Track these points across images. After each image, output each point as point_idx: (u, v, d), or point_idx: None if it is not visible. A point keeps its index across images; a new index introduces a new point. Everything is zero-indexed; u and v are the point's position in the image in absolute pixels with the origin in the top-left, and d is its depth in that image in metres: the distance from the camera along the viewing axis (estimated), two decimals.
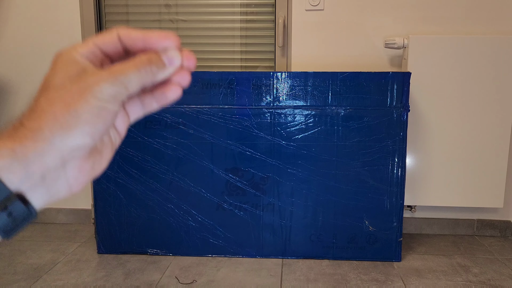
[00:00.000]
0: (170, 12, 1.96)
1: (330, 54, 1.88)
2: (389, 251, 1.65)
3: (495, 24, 1.80)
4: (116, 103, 0.28)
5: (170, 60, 0.30)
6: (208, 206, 1.66)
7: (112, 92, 0.27)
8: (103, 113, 0.27)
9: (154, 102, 0.32)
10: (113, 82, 0.27)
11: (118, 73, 0.28)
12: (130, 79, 0.28)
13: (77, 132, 0.27)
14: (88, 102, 0.27)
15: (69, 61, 0.28)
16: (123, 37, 0.30)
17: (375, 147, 1.60)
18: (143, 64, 0.29)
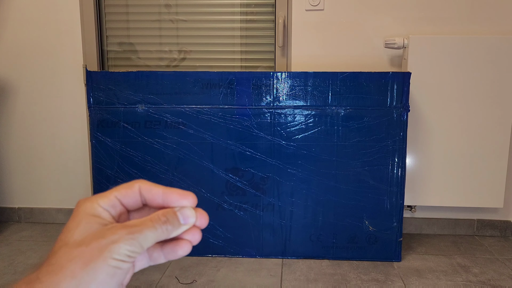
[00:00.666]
0: (170, 12, 1.96)
1: (330, 54, 1.88)
2: (389, 251, 1.65)
3: (495, 24, 1.80)
4: (131, 262, 0.28)
5: (186, 219, 0.31)
6: (208, 206, 1.66)
7: (128, 252, 0.28)
8: (117, 272, 0.27)
9: (162, 256, 0.32)
10: (131, 241, 0.28)
11: (137, 232, 0.28)
12: (146, 237, 0.29)
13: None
14: (106, 262, 0.27)
15: (91, 215, 0.29)
16: (144, 191, 0.31)
17: (375, 147, 1.60)
18: (160, 222, 0.30)
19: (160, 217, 0.30)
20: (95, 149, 1.66)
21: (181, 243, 0.32)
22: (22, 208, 2.10)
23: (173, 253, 0.32)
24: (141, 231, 0.29)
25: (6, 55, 1.98)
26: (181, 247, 0.32)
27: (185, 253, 0.32)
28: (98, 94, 1.64)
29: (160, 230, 0.29)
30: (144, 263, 0.33)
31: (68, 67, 1.97)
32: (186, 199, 0.31)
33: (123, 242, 0.28)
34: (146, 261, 0.33)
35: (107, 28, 2.00)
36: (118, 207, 0.31)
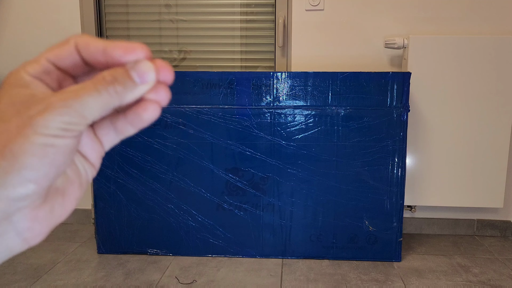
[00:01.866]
0: (170, 12, 1.96)
1: (330, 54, 1.88)
2: (389, 251, 1.65)
3: (495, 24, 1.80)
4: (69, 137, 0.22)
5: (141, 76, 0.24)
6: (208, 206, 1.66)
7: (61, 124, 0.21)
8: (50, 151, 0.21)
9: (128, 125, 0.25)
10: (63, 109, 0.21)
11: (71, 98, 0.22)
12: (87, 104, 0.22)
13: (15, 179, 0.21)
14: (28, 139, 0.21)
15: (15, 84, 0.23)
16: (81, 48, 0.24)
17: (375, 147, 1.60)
18: (104, 83, 0.23)
19: (106, 76, 0.23)
20: None
21: (145, 104, 0.25)
22: None
23: (137, 118, 0.25)
24: (78, 96, 0.22)
25: (6, 55, 1.98)
26: (144, 109, 0.24)
27: (152, 115, 0.25)
28: None
29: (105, 92, 0.22)
30: (112, 137, 0.26)
31: None
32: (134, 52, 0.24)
33: (51, 111, 0.21)
34: (113, 134, 0.26)
35: (107, 28, 2.00)
36: (53, 72, 0.24)
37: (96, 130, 0.26)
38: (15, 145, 0.21)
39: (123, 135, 0.26)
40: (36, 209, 0.23)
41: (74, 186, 0.25)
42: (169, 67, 0.25)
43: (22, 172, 0.21)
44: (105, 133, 0.26)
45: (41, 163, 0.21)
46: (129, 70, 0.23)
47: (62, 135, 0.22)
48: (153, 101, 0.25)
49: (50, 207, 0.23)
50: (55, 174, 0.22)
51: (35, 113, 0.21)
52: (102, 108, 0.23)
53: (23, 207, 0.22)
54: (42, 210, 0.23)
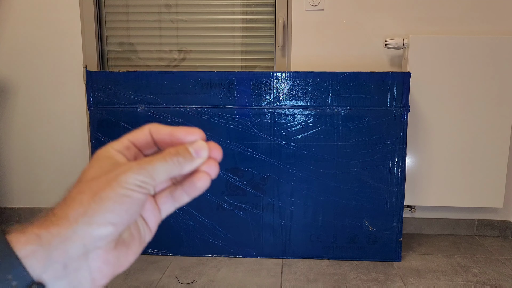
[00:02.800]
0: (170, 12, 1.96)
1: (330, 54, 1.88)
2: (389, 251, 1.65)
3: (495, 24, 1.80)
4: (141, 192, 0.28)
5: (197, 152, 0.31)
6: (208, 206, 1.66)
7: (137, 181, 0.28)
8: (127, 201, 0.27)
9: (184, 194, 0.32)
10: (140, 171, 0.28)
11: (146, 164, 0.29)
12: (157, 169, 0.29)
13: (100, 219, 0.27)
14: (113, 189, 0.27)
15: (104, 157, 0.30)
16: (153, 131, 0.32)
17: (375, 147, 1.60)
18: (170, 155, 0.30)
19: (171, 150, 0.30)
20: (95, 149, 1.65)
21: (199, 174, 0.31)
22: (22, 208, 2.10)
23: (192, 187, 0.32)
24: (151, 163, 0.29)
25: (6, 55, 1.98)
26: (198, 179, 0.31)
27: (204, 185, 0.31)
28: (98, 94, 1.64)
29: (170, 162, 0.29)
30: (169, 206, 0.33)
31: (68, 67, 1.97)
32: (193, 134, 0.32)
33: (131, 171, 0.28)
34: (171, 202, 0.33)
35: (107, 28, 2.00)
36: (132, 149, 0.31)
37: (157, 199, 0.33)
38: (103, 193, 0.27)
39: (178, 203, 0.33)
40: (108, 253, 0.28)
41: (135, 242, 0.31)
42: (219, 148, 0.32)
43: (106, 214, 0.27)
44: (164, 202, 0.33)
45: (120, 209, 0.27)
46: (188, 147, 0.31)
47: (137, 190, 0.28)
48: (205, 173, 0.32)
49: (118, 254, 0.29)
50: (128, 221, 0.28)
51: (119, 172, 0.28)
52: (167, 173, 0.29)
53: (100, 247, 0.27)
54: (112, 255, 0.28)
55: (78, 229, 0.26)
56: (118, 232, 0.28)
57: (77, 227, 0.26)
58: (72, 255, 0.26)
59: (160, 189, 0.33)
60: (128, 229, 0.30)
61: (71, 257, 0.26)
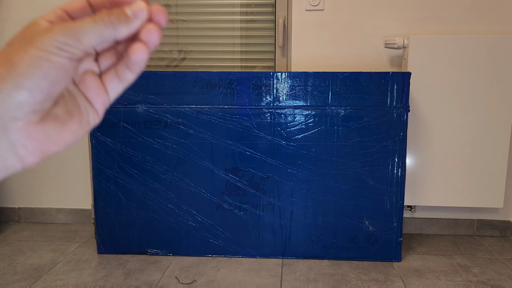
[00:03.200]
0: (170, 12, 1.96)
1: (330, 54, 1.88)
2: (389, 251, 1.65)
3: (495, 24, 1.80)
4: (63, 56, 0.25)
5: (134, 12, 0.27)
6: (208, 206, 1.66)
7: (57, 43, 0.24)
8: (44, 64, 0.24)
9: (126, 69, 0.29)
10: (62, 31, 0.25)
11: (71, 25, 0.25)
12: (84, 30, 0.25)
13: (10, 85, 0.24)
14: (26, 52, 0.24)
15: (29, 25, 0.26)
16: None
17: (375, 147, 1.60)
18: (101, 16, 0.26)
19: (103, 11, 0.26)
20: (95, 149, 1.66)
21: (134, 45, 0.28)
22: (22, 208, 2.10)
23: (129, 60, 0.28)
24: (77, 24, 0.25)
25: None
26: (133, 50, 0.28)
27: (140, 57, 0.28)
28: None
29: (101, 22, 0.26)
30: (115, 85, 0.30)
31: None
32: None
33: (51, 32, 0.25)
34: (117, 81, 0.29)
35: None
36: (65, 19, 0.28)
37: (103, 78, 0.29)
38: (14, 56, 0.24)
39: (125, 81, 0.29)
40: (31, 126, 0.25)
41: (73, 120, 0.28)
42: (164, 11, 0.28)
43: (17, 79, 0.24)
44: (110, 81, 0.29)
45: (35, 73, 0.24)
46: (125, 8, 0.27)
47: (57, 53, 0.24)
48: (141, 43, 0.28)
49: (46, 129, 0.26)
50: (48, 89, 0.25)
51: (36, 34, 0.25)
52: (98, 35, 0.26)
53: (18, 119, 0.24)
54: (38, 130, 0.25)
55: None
56: (35, 100, 0.24)
57: None
58: None
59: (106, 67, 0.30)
60: (64, 105, 0.27)
61: None
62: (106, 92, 0.29)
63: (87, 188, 2.06)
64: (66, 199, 2.08)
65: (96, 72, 0.30)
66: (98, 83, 0.29)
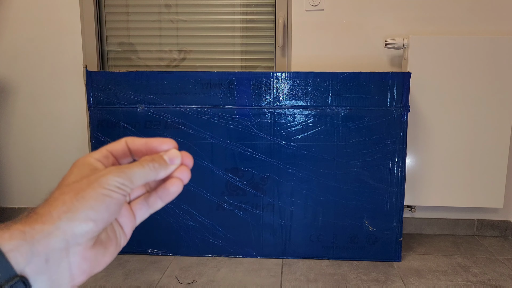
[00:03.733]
0: (170, 12, 1.96)
1: (330, 54, 1.88)
2: (389, 251, 1.65)
3: (495, 24, 1.80)
4: (121, 193, 0.30)
5: (171, 159, 0.34)
6: (208, 206, 1.66)
7: (117, 183, 0.30)
8: (107, 200, 0.30)
9: (158, 199, 0.35)
10: (119, 173, 0.31)
11: (125, 168, 0.31)
12: (135, 173, 0.31)
13: (81, 215, 0.29)
14: (95, 189, 0.29)
15: (84, 164, 0.32)
16: (129, 142, 0.35)
17: (375, 147, 1.60)
18: (146, 161, 0.33)
19: (147, 158, 0.33)
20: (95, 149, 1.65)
21: (172, 180, 0.34)
22: (22, 208, 2.10)
23: (166, 192, 0.34)
24: (130, 167, 0.32)
25: (6, 55, 1.98)
26: (171, 184, 0.34)
27: (176, 189, 0.34)
28: (98, 94, 1.64)
29: (147, 167, 0.32)
30: (144, 212, 0.35)
31: (68, 67, 1.97)
32: (166, 144, 0.35)
33: (111, 174, 0.30)
34: (145, 208, 0.35)
35: (107, 28, 2.00)
36: (109, 158, 0.34)
37: (132, 206, 0.35)
38: (85, 193, 0.29)
39: (152, 209, 0.36)
40: (87, 250, 0.30)
41: (112, 243, 0.33)
42: (190, 156, 0.36)
43: (87, 212, 0.29)
44: (139, 208, 0.35)
45: (100, 207, 0.29)
46: (163, 155, 0.34)
47: (116, 191, 0.30)
48: (178, 178, 0.34)
49: (96, 253, 0.31)
50: (107, 220, 0.30)
51: (100, 175, 0.30)
52: (144, 177, 0.32)
53: (80, 244, 0.29)
54: (90, 253, 0.30)
55: (61, 224, 0.28)
56: (97, 229, 0.30)
57: (60, 223, 0.28)
58: (54, 249, 0.28)
59: (136, 196, 0.36)
60: (105, 231, 0.32)
61: (53, 251, 0.28)
62: (134, 218, 0.35)
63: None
64: None
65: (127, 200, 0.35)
66: (130, 211, 0.35)
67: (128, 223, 0.35)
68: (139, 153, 0.35)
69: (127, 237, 0.35)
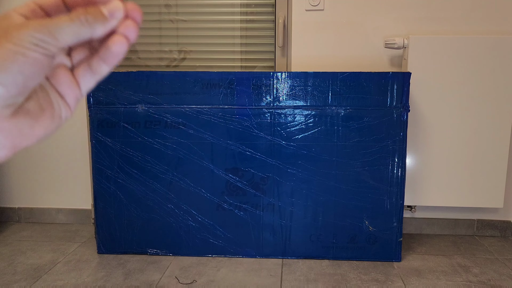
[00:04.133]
0: (170, 12, 1.96)
1: (330, 54, 1.88)
2: (389, 251, 1.65)
3: (495, 24, 1.80)
4: (39, 52, 0.25)
5: (111, 12, 0.27)
6: (208, 206, 1.66)
7: (34, 39, 0.24)
8: (19, 59, 0.24)
9: (101, 62, 0.29)
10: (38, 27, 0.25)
11: (48, 22, 0.25)
12: (61, 28, 0.25)
13: None
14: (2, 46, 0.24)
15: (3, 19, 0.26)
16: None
17: (375, 147, 1.60)
18: (77, 15, 0.26)
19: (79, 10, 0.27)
20: (95, 149, 1.66)
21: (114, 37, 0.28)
22: (22, 208, 2.10)
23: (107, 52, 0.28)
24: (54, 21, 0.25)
25: None
26: (113, 42, 0.28)
27: (120, 48, 0.28)
28: (98, 94, 1.64)
29: (77, 21, 0.26)
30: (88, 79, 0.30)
31: None
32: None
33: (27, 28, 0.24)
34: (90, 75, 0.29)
35: None
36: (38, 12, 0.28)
37: (75, 73, 0.29)
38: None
39: (98, 74, 0.29)
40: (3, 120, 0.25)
41: (45, 115, 0.28)
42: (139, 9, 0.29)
43: None
44: (82, 75, 0.29)
45: (10, 68, 0.24)
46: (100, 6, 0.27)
47: (33, 49, 0.24)
48: (121, 35, 0.28)
49: (18, 124, 0.26)
50: (23, 84, 0.24)
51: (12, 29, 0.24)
52: (74, 34, 0.26)
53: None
54: (9, 124, 0.25)
55: None
56: (10, 95, 0.24)
57: None
58: None
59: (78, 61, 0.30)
60: (36, 99, 0.27)
61: None
62: (78, 86, 0.29)
63: (87, 188, 2.06)
64: (66, 199, 2.08)
65: (68, 66, 0.29)
66: (70, 78, 0.29)
67: (70, 92, 0.29)
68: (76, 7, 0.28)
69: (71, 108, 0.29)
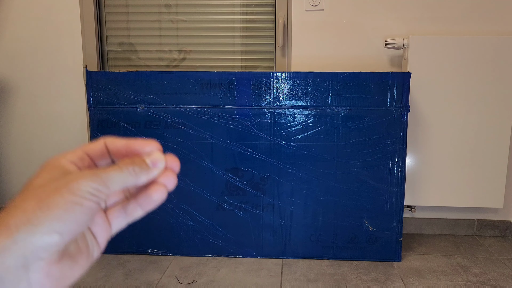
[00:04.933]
0: (170, 12, 1.96)
1: (330, 54, 1.88)
2: (389, 251, 1.65)
3: (495, 24, 1.80)
4: (93, 201, 0.26)
5: (154, 162, 0.30)
6: (208, 206, 1.66)
7: (90, 189, 0.26)
8: (77, 209, 0.25)
9: (138, 207, 0.31)
10: (93, 177, 0.26)
11: (100, 172, 0.27)
12: (111, 178, 0.27)
13: (44, 228, 0.24)
14: (62, 196, 0.25)
15: (54, 165, 0.28)
16: (109, 143, 0.31)
17: (375, 147, 1.60)
18: (125, 164, 0.28)
19: (126, 161, 0.29)
20: None
21: (155, 186, 0.30)
22: None
23: (147, 199, 0.30)
24: (106, 171, 0.27)
25: (6, 55, 1.98)
26: (155, 190, 0.30)
27: (160, 197, 0.30)
28: (98, 94, 1.64)
29: (126, 171, 0.28)
30: (121, 220, 0.31)
31: (68, 67, 1.97)
32: (149, 145, 0.31)
33: (84, 178, 0.26)
34: (123, 216, 0.31)
35: (107, 28, 2.00)
36: (85, 159, 0.30)
37: (108, 214, 0.31)
38: (51, 200, 0.25)
39: (131, 217, 0.31)
40: (51, 265, 0.25)
41: (82, 256, 0.29)
42: (177, 160, 0.31)
43: (52, 222, 0.24)
44: (116, 216, 0.31)
45: (68, 218, 0.25)
46: (145, 157, 0.30)
47: (89, 198, 0.26)
48: (161, 184, 0.30)
49: (62, 268, 0.26)
50: (75, 231, 0.26)
51: (70, 179, 0.26)
52: (122, 182, 0.28)
53: (42, 259, 0.25)
54: (55, 268, 0.26)
55: (18, 238, 0.24)
56: (64, 242, 0.25)
57: (18, 237, 0.24)
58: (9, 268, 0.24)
59: (112, 203, 0.32)
60: (75, 241, 0.28)
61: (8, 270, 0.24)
62: (110, 227, 0.31)
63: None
64: None
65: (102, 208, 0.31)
66: (105, 219, 0.31)
67: (102, 233, 0.30)
68: (119, 155, 0.31)
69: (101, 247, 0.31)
